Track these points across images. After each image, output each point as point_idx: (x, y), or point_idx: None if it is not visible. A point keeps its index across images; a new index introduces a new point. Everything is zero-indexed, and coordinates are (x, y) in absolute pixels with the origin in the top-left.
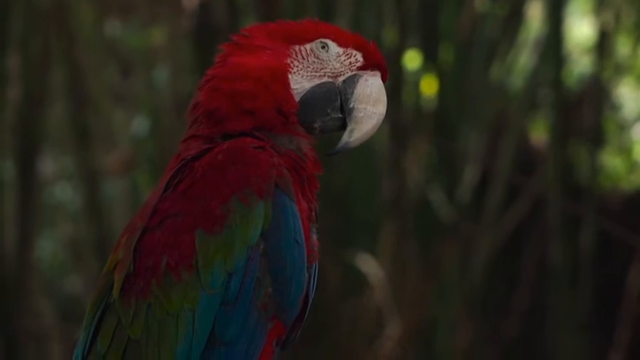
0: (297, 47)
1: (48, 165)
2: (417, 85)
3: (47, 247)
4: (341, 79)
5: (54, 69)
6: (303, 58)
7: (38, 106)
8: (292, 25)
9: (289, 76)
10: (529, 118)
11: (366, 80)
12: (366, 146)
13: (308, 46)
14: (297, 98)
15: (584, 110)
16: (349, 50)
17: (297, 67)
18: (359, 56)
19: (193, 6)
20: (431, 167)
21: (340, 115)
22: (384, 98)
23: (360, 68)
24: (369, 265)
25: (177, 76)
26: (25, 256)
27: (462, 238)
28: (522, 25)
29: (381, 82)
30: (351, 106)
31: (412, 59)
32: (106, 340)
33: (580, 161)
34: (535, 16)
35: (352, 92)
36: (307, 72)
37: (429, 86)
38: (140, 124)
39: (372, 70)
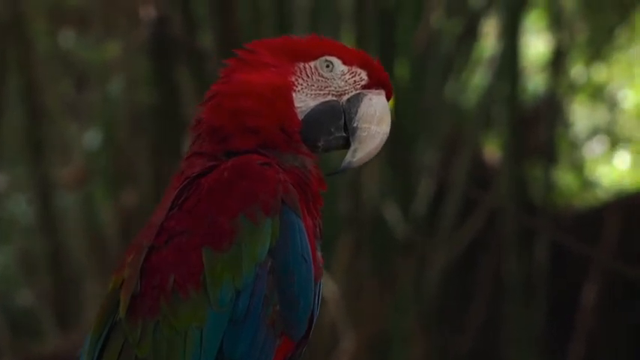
0: (301, 65)
1: (1, 177)
2: None
3: None
4: (345, 97)
5: (8, 80)
6: (308, 76)
7: None
8: (297, 42)
9: (293, 94)
10: (483, 135)
11: (371, 99)
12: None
13: (312, 63)
14: (301, 116)
15: (537, 127)
16: (354, 68)
17: (302, 85)
18: (363, 75)
19: (150, 18)
20: (386, 182)
21: (344, 134)
22: (389, 118)
23: (365, 87)
24: (324, 280)
25: (132, 89)
26: None
27: (417, 253)
28: (477, 42)
29: (385, 102)
30: (355, 125)
31: None
32: (112, 359)
33: (534, 178)
34: (490, 33)
35: (356, 111)
36: (311, 90)
37: None
38: (93, 137)
39: (376, 89)
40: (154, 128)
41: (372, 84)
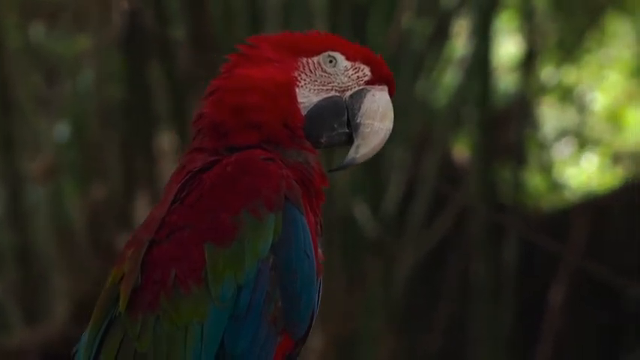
0: (304, 60)
1: None
2: None
3: None
4: (348, 93)
5: None
6: (311, 71)
7: None
8: (300, 37)
9: (296, 89)
10: (453, 134)
11: (374, 95)
12: None
13: (315, 59)
14: (303, 112)
15: (507, 128)
16: (357, 64)
17: (305, 80)
18: (367, 70)
19: (122, 13)
20: (356, 181)
21: (347, 130)
22: (391, 114)
23: (368, 82)
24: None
25: (103, 83)
26: None
27: (386, 252)
28: (448, 42)
29: (388, 98)
30: (358, 121)
31: None
32: (111, 354)
33: (503, 178)
34: (461, 33)
35: (359, 107)
36: (314, 86)
37: None
38: (62, 131)
39: (379, 85)
40: (124, 123)
41: (375, 80)
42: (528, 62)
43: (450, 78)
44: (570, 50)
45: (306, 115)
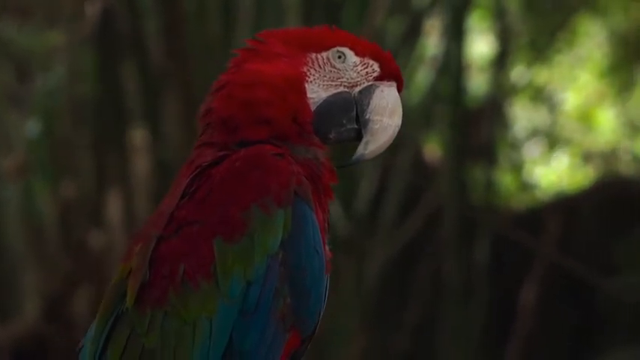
0: (313, 55)
1: None
2: None
3: None
4: (357, 89)
5: None
6: (320, 66)
7: None
8: (309, 32)
9: (305, 85)
10: (425, 134)
11: (382, 91)
12: None
13: (324, 54)
14: (312, 108)
15: (478, 127)
16: (366, 60)
17: (314, 75)
18: (375, 66)
19: (95, 10)
20: None
21: (356, 126)
22: (400, 110)
23: (377, 78)
24: None
25: (74, 80)
26: None
27: (357, 251)
28: (420, 40)
29: (397, 94)
30: (367, 117)
31: None
32: (118, 349)
33: (474, 178)
34: (433, 32)
35: (368, 103)
36: (323, 81)
37: None
38: (33, 127)
39: (388, 81)
40: (96, 119)
41: (384, 76)
42: (500, 62)
43: (422, 77)
44: (541, 50)
45: (315, 111)
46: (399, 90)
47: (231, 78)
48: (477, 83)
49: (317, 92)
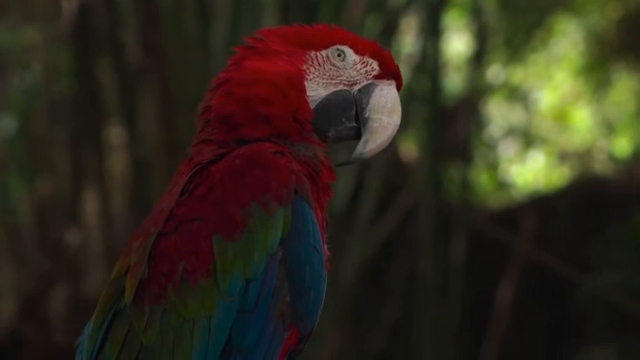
0: (313, 53)
1: None
2: None
3: None
4: (357, 87)
5: None
6: (319, 64)
7: None
8: (308, 30)
9: (305, 83)
10: (401, 131)
11: (382, 90)
12: None
13: (324, 52)
14: (312, 106)
15: (454, 126)
16: (365, 58)
17: (313, 73)
18: (375, 65)
19: (71, 7)
20: None
21: (355, 125)
22: (399, 109)
23: (376, 77)
24: None
25: (51, 77)
26: None
27: (333, 248)
28: (397, 38)
29: (396, 93)
30: (366, 115)
31: None
32: (116, 346)
33: (450, 176)
34: (410, 30)
35: (368, 102)
36: (323, 79)
37: None
38: (9, 125)
39: (387, 80)
40: (72, 117)
41: (384, 74)
42: (476, 60)
43: None
44: (517, 49)
45: (315, 109)
46: (399, 89)
47: (230, 75)
48: (453, 82)
49: (316, 90)
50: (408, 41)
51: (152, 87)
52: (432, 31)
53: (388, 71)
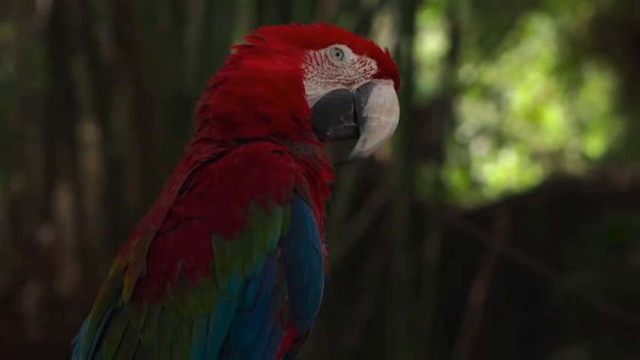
0: (311, 52)
1: None
2: None
3: None
4: (355, 86)
5: None
6: (318, 64)
7: None
8: (307, 30)
9: (304, 82)
10: None
11: (380, 89)
12: None
13: (322, 51)
14: (310, 105)
15: (428, 125)
16: (364, 57)
17: (312, 73)
18: (373, 64)
19: (45, 4)
20: None
21: (353, 124)
22: (397, 108)
23: (374, 76)
24: None
25: (24, 74)
26: None
27: None
28: (370, 37)
29: (394, 92)
30: (365, 115)
31: None
32: (114, 345)
33: (423, 176)
34: (383, 29)
35: (366, 101)
36: (321, 78)
37: None
38: None
39: (385, 79)
40: (46, 115)
41: (382, 74)
42: (449, 60)
43: None
44: (490, 48)
45: (313, 108)
46: (396, 88)
47: (229, 74)
48: (427, 81)
49: (315, 89)
50: (382, 40)
51: (126, 84)
52: (406, 30)
53: (386, 70)
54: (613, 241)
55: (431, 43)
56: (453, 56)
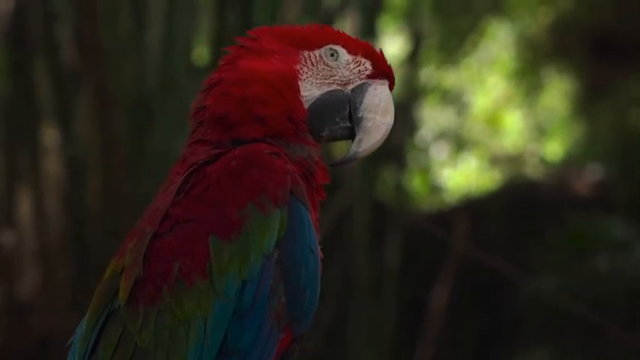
0: (306, 53)
1: None
2: None
3: None
4: (350, 87)
5: None
6: (313, 64)
7: None
8: (301, 30)
9: (299, 82)
10: None
11: (375, 89)
12: None
13: (317, 52)
14: (306, 106)
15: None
16: (358, 58)
17: (307, 73)
18: (368, 64)
19: (7, 7)
20: None
21: (349, 125)
22: (392, 108)
23: (369, 77)
24: None
25: None
26: None
27: None
28: None
29: (389, 92)
30: (360, 115)
31: None
32: (110, 348)
33: (384, 179)
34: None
35: (361, 101)
36: (316, 79)
37: None
38: None
39: (380, 79)
40: (6, 118)
41: (377, 74)
42: (410, 63)
43: None
44: (450, 52)
45: (309, 109)
46: (391, 88)
47: (225, 76)
48: None
49: (310, 90)
50: None
51: (87, 87)
52: (367, 34)
53: (381, 71)
54: (574, 245)
55: (392, 47)
56: (413, 60)
